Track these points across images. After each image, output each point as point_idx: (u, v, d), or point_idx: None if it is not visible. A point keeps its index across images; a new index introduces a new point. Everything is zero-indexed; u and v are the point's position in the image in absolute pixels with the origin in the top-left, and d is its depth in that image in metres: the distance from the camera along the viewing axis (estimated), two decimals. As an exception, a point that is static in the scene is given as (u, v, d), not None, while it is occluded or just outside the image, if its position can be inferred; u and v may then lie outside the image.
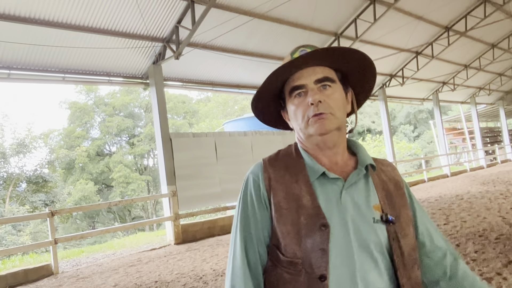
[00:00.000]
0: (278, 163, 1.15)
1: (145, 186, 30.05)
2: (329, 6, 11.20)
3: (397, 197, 1.14)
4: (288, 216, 1.06)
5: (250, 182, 1.13)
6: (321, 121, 1.07)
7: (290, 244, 1.04)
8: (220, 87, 12.19)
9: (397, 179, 1.19)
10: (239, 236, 1.10)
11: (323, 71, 1.10)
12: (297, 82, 1.10)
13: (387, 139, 17.19)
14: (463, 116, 25.89)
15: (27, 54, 8.22)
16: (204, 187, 10.18)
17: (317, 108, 1.06)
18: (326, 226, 1.03)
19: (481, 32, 16.52)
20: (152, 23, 8.96)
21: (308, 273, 1.02)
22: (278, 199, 1.08)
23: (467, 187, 12.82)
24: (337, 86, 1.11)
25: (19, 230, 23.17)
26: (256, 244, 1.09)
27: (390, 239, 1.06)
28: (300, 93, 1.10)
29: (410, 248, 1.09)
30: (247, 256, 1.08)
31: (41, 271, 7.14)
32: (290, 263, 1.04)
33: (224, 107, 39.45)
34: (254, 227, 1.09)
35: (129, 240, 11.23)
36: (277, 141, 12.20)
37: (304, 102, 1.09)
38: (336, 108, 1.09)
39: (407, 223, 1.12)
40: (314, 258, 1.01)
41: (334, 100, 1.08)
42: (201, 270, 6.32)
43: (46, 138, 30.13)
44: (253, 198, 1.11)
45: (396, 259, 1.05)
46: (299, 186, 1.09)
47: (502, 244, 5.52)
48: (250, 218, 1.10)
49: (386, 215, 1.07)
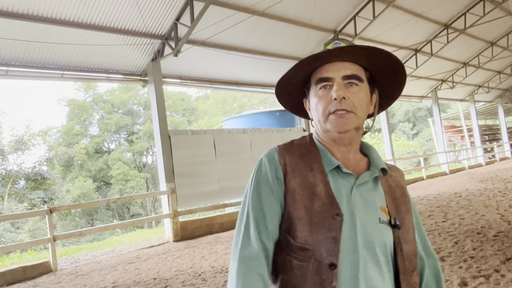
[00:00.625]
0: (293, 151, 1.14)
1: (144, 183, 30.06)
2: (328, 4, 11.18)
3: (402, 204, 1.15)
4: (301, 202, 1.05)
5: (266, 163, 1.11)
6: (341, 119, 1.06)
7: (302, 230, 1.03)
8: (219, 84, 12.17)
9: (403, 186, 1.20)
10: (252, 216, 1.07)
11: (352, 68, 1.09)
12: (325, 74, 1.09)
13: (386, 137, 17.20)
14: (462, 114, 25.92)
15: (26, 51, 8.19)
16: (203, 185, 10.18)
17: (340, 104, 1.05)
18: (340, 215, 1.03)
19: (480, 30, 16.53)
20: (151, 20, 8.94)
21: (318, 261, 1.01)
22: (293, 184, 1.08)
23: (466, 185, 12.85)
24: (363, 86, 1.10)
25: (18, 227, 23.20)
26: (268, 226, 1.06)
27: (395, 243, 1.07)
28: (326, 86, 1.09)
29: (411, 254, 1.10)
30: (260, 238, 1.04)
31: (40, 268, 7.13)
32: (301, 249, 1.03)
33: (223, 105, 39.42)
34: (268, 207, 1.07)
35: (128, 237, 11.24)
36: (276, 138, 12.19)
37: (327, 96, 1.07)
38: (359, 107, 1.07)
39: (410, 230, 1.13)
40: (325, 246, 1.01)
41: (358, 99, 1.07)
42: (200, 267, 6.32)
43: (44, 135, 30.08)
44: (268, 178, 1.09)
45: (399, 263, 1.07)
46: (314, 174, 1.08)
47: (500, 241, 5.53)
48: (264, 198, 1.07)
49: (394, 219, 1.08)
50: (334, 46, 1.09)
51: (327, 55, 1.07)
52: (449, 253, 5.31)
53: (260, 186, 1.09)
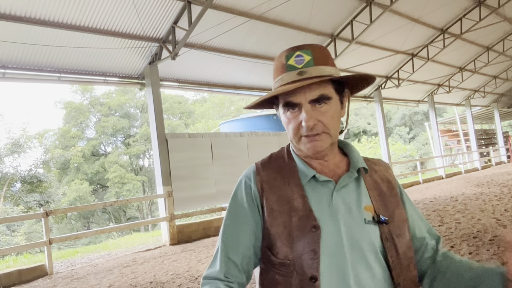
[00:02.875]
0: (271, 166, 1.15)
1: (141, 186, 29.98)
2: (325, 8, 11.23)
3: (390, 197, 1.15)
4: (280, 218, 1.07)
5: (242, 185, 1.14)
6: (314, 143, 1.06)
7: (282, 246, 1.05)
8: (216, 87, 12.18)
9: (390, 178, 1.19)
10: (222, 238, 1.12)
11: (319, 89, 1.04)
12: (291, 99, 1.05)
13: (382, 141, 17.24)
14: (458, 118, 25.99)
15: (23, 54, 8.18)
16: (199, 188, 10.16)
17: (310, 130, 1.04)
18: (317, 227, 1.03)
19: (476, 35, 16.63)
20: (149, 23, 8.95)
21: (300, 275, 1.02)
22: (270, 201, 1.09)
23: (462, 189, 12.88)
24: (333, 101, 1.07)
25: (13, 230, 23.07)
26: (242, 245, 1.09)
27: (382, 239, 1.06)
28: (294, 109, 1.06)
29: (405, 247, 1.09)
30: (228, 257, 1.09)
31: (35, 272, 7.10)
32: (282, 265, 1.05)
33: (220, 108, 39.44)
34: (242, 228, 1.10)
35: (124, 240, 11.20)
36: (273, 142, 12.21)
37: (297, 119, 1.06)
38: (331, 126, 1.06)
39: (402, 223, 1.12)
40: (305, 260, 1.02)
41: (329, 118, 1.05)
42: (196, 270, 6.31)
43: (41, 138, 29.96)
44: (243, 200, 1.12)
45: (391, 259, 1.06)
46: (291, 188, 1.09)
47: (496, 245, 5.55)
48: (238, 218, 1.11)
49: (378, 215, 1.08)
50: (296, 59, 1.06)
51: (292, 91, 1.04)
52: (445, 257, 5.32)
53: (235, 209, 1.13)
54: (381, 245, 1.06)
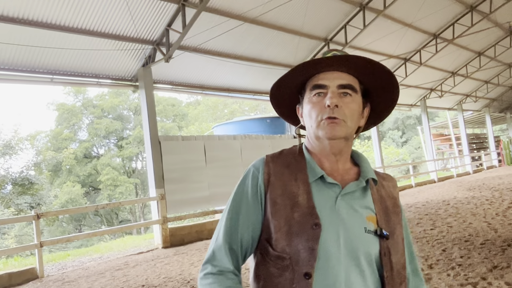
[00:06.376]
0: (280, 160, 1.16)
1: (133, 189, 29.82)
2: (319, 12, 11.29)
3: (393, 214, 1.15)
4: (282, 212, 1.07)
5: (250, 174, 1.14)
6: (332, 125, 1.07)
7: (281, 239, 1.05)
8: (210, 90, 12.18)
9: (396, 196, 1.20)
10: (224, 222, 1.11)
11: (348, 78, 1.10)
12: (321, 81, 1.10)
13: (375, 144, 17.33)
14: (450, 122, 26.22)
15: (15, 55, 8.12)
16: (192, 191, 10.13)
17: (332, 111, 1.07)
18: (318, 225, 1.04)
19: (468, 40, 16.80)
20: (142, 26, 8.93)
21: (294, 270, 1.03)
22: (274, 194, 1.10)
23: (454, 193, 12.98)
24: (357, 97, 1.11)
25: (4, 233, 22.81)
26: (240, 233, 1.09)
27: (381, 253, 1.07)
28: (320, 93, 1.10)
29: (400, 266, 1.10)
30: (230, 241, 1.08)
31: (26, 275, 7.03)
32: (279, 258, 1.05)
33: (213, 111, 39.40)
34: (243, 217, 1.10)
35: (116, 243, 11.12)
36: (266, 145, 12.21)
37: (321, 103, 1.09)
38: (350, 117, 1.09)
39: (401, 241, 1.13)
40: (302, 256, 1.02)
41: (350, 109, 1.09)
42: (189, 274, 6.28)
43: (32, 140, 29.72)
44: (248, 189, 1.12)
45: (386, 274, 1.06)
46: (297, 184, 1.10)
47: (487, 249, 5.59)
48: (241, 207, 1.11)
49: (381, 229, 1.08)
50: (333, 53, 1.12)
51: (325, 61, 1.08)
52: (437, 260, 5.36)
53: (240, 196, 1.13)
54: (379, 259, 1.07)
